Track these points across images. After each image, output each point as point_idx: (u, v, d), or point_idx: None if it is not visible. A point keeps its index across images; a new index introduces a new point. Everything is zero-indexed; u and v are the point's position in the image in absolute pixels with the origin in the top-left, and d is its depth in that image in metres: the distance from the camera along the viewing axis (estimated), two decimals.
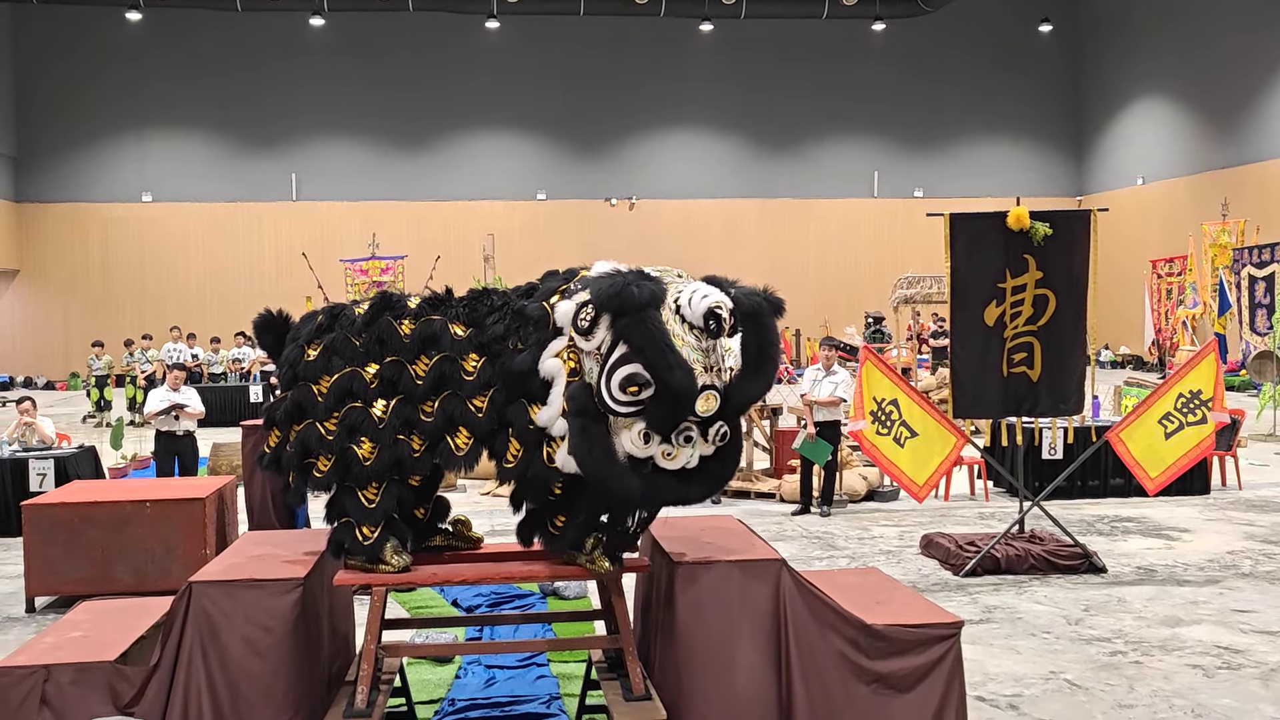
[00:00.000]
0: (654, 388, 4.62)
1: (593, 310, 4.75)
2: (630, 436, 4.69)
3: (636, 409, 4.66)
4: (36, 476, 10.99)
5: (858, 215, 34.83)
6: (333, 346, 5.18)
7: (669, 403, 4.64)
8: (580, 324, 4.79)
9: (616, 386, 4.65)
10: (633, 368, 4.62)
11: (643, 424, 4.68)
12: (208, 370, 23.63)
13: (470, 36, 32.29)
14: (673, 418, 4.69)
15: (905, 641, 5.14)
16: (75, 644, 5.15)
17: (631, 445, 4.69)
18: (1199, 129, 29.88)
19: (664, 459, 4.72)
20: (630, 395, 4.64)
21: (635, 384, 4.63)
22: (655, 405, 4.65)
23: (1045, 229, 8.90)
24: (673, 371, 4.58)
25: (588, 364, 4.80)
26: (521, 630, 7.41)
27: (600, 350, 4.75)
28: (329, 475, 5.10)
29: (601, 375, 4.71)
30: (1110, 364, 30.72)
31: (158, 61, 32.13)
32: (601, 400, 4.70)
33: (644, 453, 4.69)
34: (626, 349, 4.65)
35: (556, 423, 4.82)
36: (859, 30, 33.29)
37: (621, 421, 4.70)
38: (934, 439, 9.04)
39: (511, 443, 4.96)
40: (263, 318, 5.56)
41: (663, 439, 4.71)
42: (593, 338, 4.77)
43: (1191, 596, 8.38)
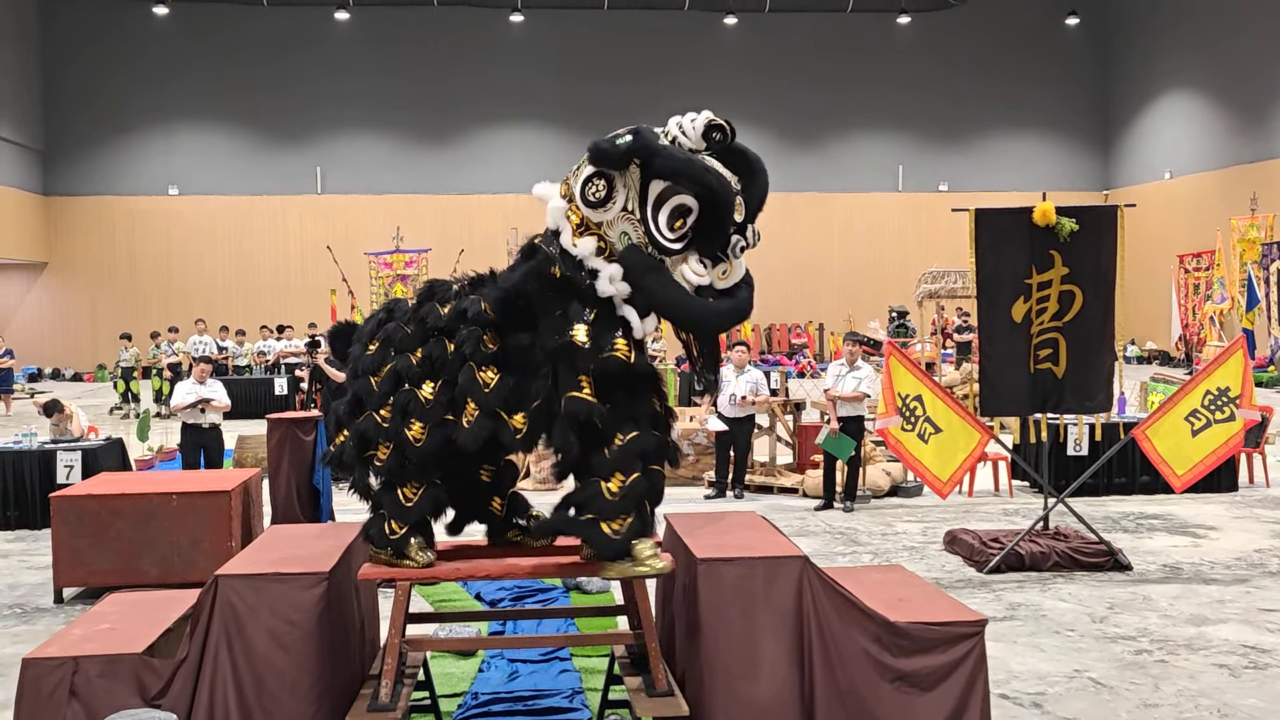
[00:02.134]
0: (697, 213, 4.81)
1: (602, 178, 4.87)
2: (689, 270, 4.88)
3: (686, 241, 4.87)
4: (64, 468, 11.09)
5: (882, 209, 34.70)
6: (388, 338, 5.26)
7: (716, 216, 4.84)
8: (593, 197, 4.89)
9: (665, 226, 4.84)
10: (675, 200, 4.82)
11: (695, 253, 4.88)
12: (232, 363, 23.77)
13: (494, 30, 32.33)
14: (721, 231, 4.87)
15: (929, 639, 5.13)
16: (103, 636, 5.19)
17: (694, 276, 4.87)
18: (1227, 123, 29.62)
19: (720, 279, 4.93)
20: (678, 230, 4.84)
21: (681, 215, 4.83)
22: (702, 228, 4.85)
23: (1071, 225, 8.85)
24: (712, 176, 4.79)
25: (615, 233, 4.92)
26: (544, 625, 7.42)
27: (628, 207, 4.88)
28: (390, 462, 5.14)
29: (646, 222, 4.86)
30: (1137, 359, 30.50)
31: (184, 55, 32.31)
32: (656, 244, 4.86)
33: (705, 279, 4.89)
34: (661, 187, 4.82)
35: (625, 309, 4.93)
36: (884, 23, 33.16)
37: (676, 259, 4.89)
38: (958, 435, 9.01)
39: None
40: (337, 327, 5.77)
41: (714, 261, 4.90)
42: (613, 201, 4.89)
43: (1218, 595, 8.32)
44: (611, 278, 4.90)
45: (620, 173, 4.86)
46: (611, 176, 4.86)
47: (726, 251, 4.90)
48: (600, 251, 4.93)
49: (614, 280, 4.90)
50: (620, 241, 4.91)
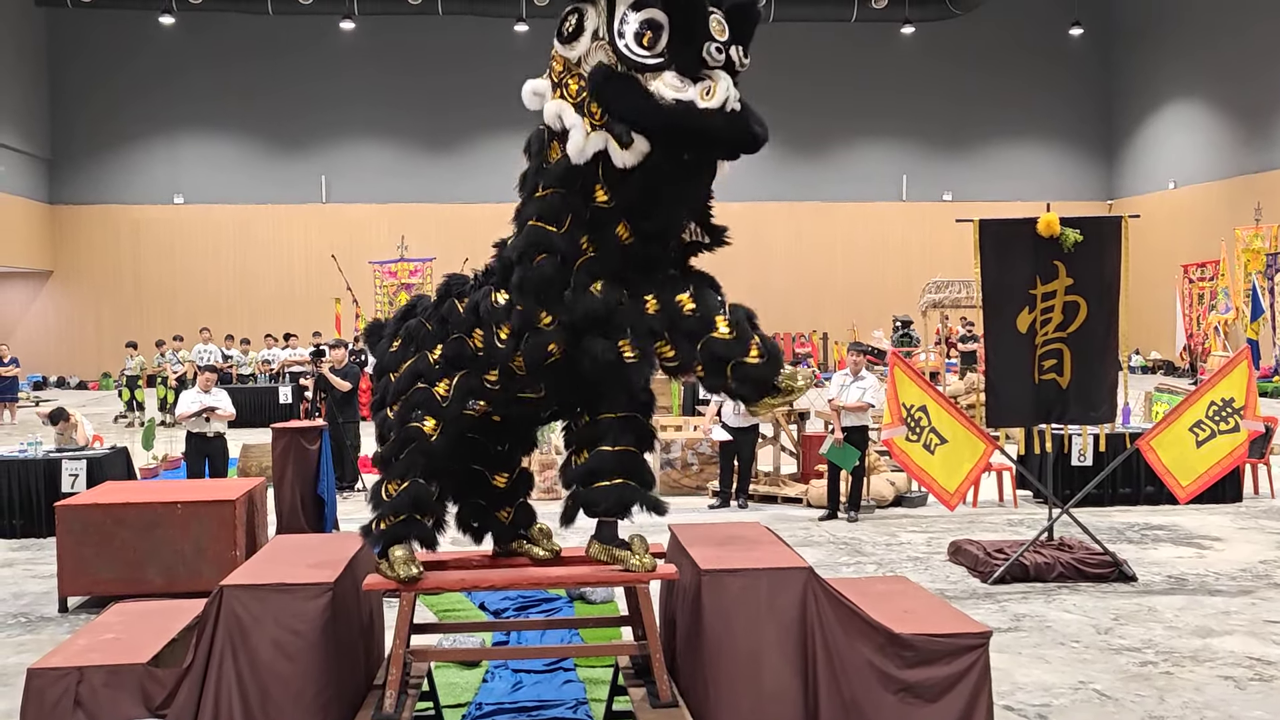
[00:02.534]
0: (667, 29, 4.59)
1: (573, 14, 4.75)
2: (664, 83, 4.61)
3: (659, 59, 4.62)
4: (69, 477, 11.10)
5: (886, 219, 34.71)
6: (409, 334, 5.29)
7: (687, 22, 4.59)
8: (566, 32, 4.79)
9: (633, 41, 4.62)
10: (643, 14, 4.61)
11: (671, 69, 4.62)
12: (237, 371, 23.79)
13: (499, 39, 32.38)
14: (695, 40, 4.59)
15: (933, 651, 5.13)
16: (108, 646, 5.20)
17: (669, 90, 4.59)
18: (1231, 133, 29.62)
19: (704, 98, 4.59)
20: (648, 46, 4.62)
21: (649, 29, 4.62)
22: (675, 39, 4.61)
23: (1076, 236, 8.85)
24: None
25: (591, 64, 4.73)
26: (548, 635, 7.40)
27: (599, 34, 4.70)
28: (386, 453, 5.18)
29: (613, 39, 4.65)
30: (1141, 369, 30.47)
31: (190, 65, 32.41)
32: (625, 60, 4.64)
33: (685, 93, 4.59)
34: (627, 3, 4.63)
35: (588, 141, 4.70)
36: (888, 33, 33.20)
37: (649, 75, 4.63)
38: (963, 446, 9.00)
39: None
40: (371, 325, 5.76)
41: (695, 79, 4.62)
42: (584, 31, 4.73)
43: (1223, 606, 8.30)
44: (573, 125, 4.71)
45: (591, 4, 4.73)
46: (582, 10, 4.74)
47: (703, 58, 4.60)
48: (581, 108, 4.72)
49: (580, 132, 4.70)
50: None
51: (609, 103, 4.62)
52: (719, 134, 4.64)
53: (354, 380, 13.44)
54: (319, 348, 14.27)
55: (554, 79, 4.87)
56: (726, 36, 4.65)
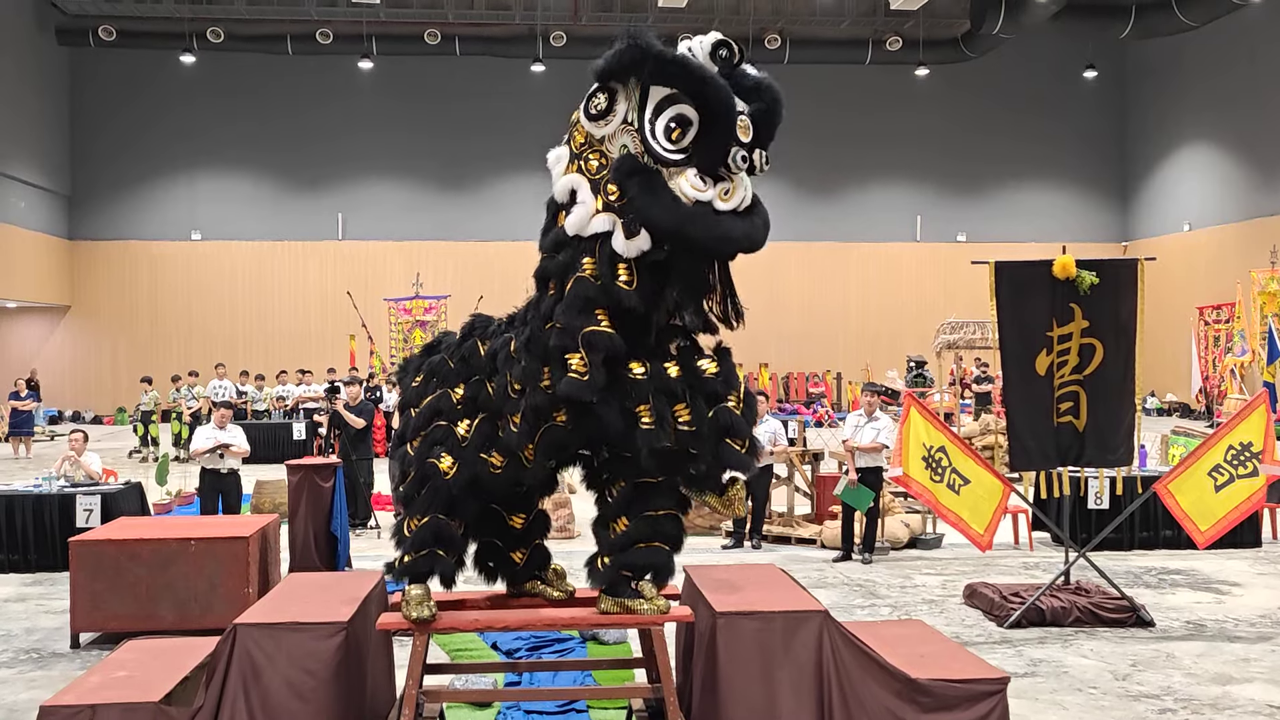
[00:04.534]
0: (696, 126, 4.66)
1: (603, 92, 4.80)
2: (685, 183, 4.68)
3: (684, 155, 4.70)
4: (83, 512, 11.11)
5: (900, 259, 34.73)
6: (432, 370, 5.31)
7: (715, 125, 4.67)
8: (594, 110, 4.83)
9: (662, 135, 4.69)
10: (673, 109, 4.68)
11: (693, 168, 4.69)
12: (251, 407, 23.85)
13: (516, 80, 32.63)
14: (722, 143, 4.68)
15: (951, 697, 5.08)
16: (121, 684, 5.19)
17: (691, 190, 4.67)
18: (1246, 176, 29.61)
19: (722, 199, 4.70)
20: (675, 141, 4.69)
21: (679, 125, 4.68)
22: (702, 139, 4.68)
23: (1092, 278, 8.84)
24: (712, 85, 4.64)
25: (615, 148, 4.81)
26: (561, 676, 7.37)
27: (628, 119, 4.77)
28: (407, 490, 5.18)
29: (643, 130, 4.72)
30: (1157, 411, 30.32)
31: (210, 103, 32.72)
32: (651, 152, 4.70)
33: (703, 194, 4.67)
34: (661, 95, 4.69)
35: (591, 221, 4.81)
36: (902, 75, 33.35)
37: (673, 171, 4.70)
38: (984, 486, 8.96)
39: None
40: (405, 360, 5.79)
41: (716, 179, 4.70)
42: (614, 113, 4.79)
43: (1243, 653, 8.21)
44: (582, 205, 4.82)
45: (623, 85, 4.79)
46: (614, 90, 4.80)
47: (727, 164, 4.70)
48: (596, 186, 4.82)
49: (583, 207, 4.81)
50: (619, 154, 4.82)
51: (633, 195, 4.70)
52: (729, 238, 4.76)
53: (368, 417, 13.45)
54: (334, 384, 14.31)
55: (573, 150, 4.97)
56: (750, 138, 4.78)
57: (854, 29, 31.96)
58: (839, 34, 32.18)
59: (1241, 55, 29.13)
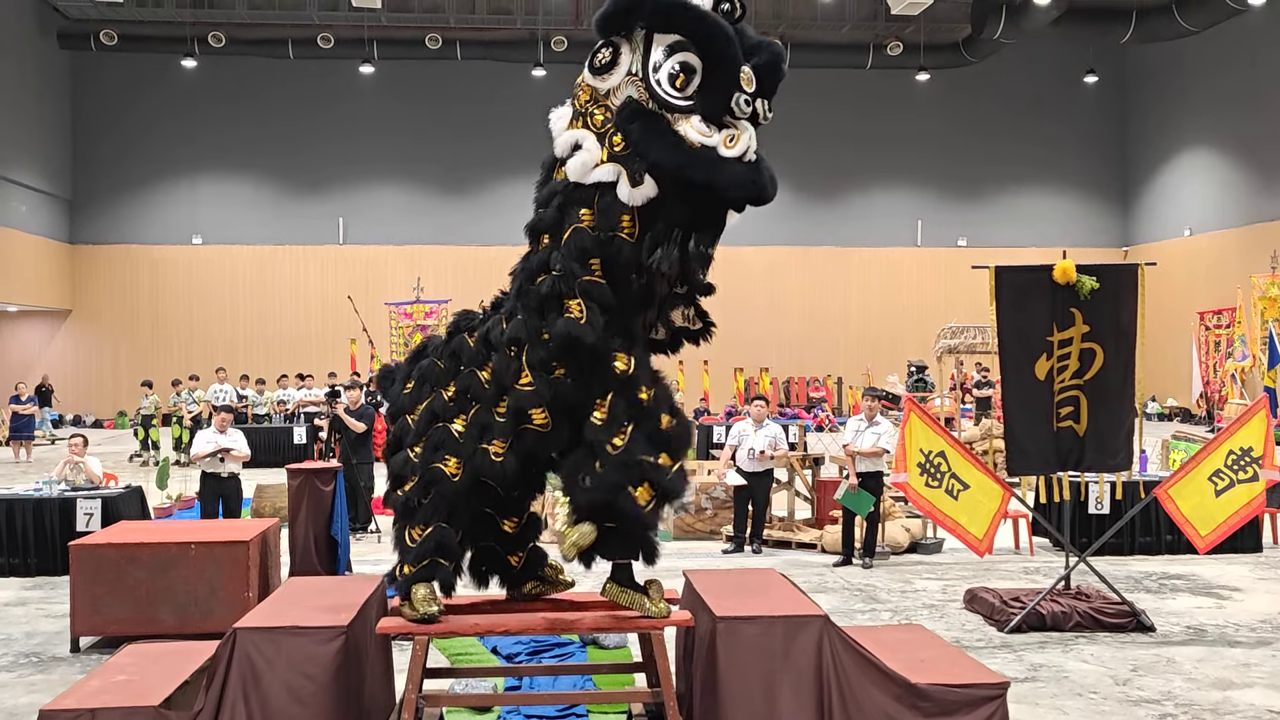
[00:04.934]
0: (700, 74, 4.71)
1: (608, 46, 4.85)
2: (690, 128, 4.72)
3: (689, 101, 4.74)
4: (84, 516, 11.10)
5: (901, 264, 34.76)
6: (423, 375, 5.30)
7: (719, 70, 4.72)
8: (598, 63, 4.88)
9: (666, 81, 4.74)
10: (678, 56, 4.73)
11: (698, 114, 4.73)
12: (252, 411, 23.86)
13: (517, 84, 32.65)
14: (726, 87, 4.73)
15: (951, 701, 5.08)
16: (120, 688, 5.18)
17: (695, 134, 4.70)
18: (1247, 180, 29.62)
19: (727, 145, 4.70)
20: (680, 88, 4.74)
21: (683, 73, 4.73)
22: (706, 85, 4.73)
23: (1092, 283, 8.84)
24: (715, 28, 4.69)
25: (619, 100, 4.85)
26: (561, 681, 7.36)
27: (632, 69, 4.83)
28: (410, 496, 5.16)
29: (647, 77, 4.77)
30: (1157, 416, 30.33)
31: (211, 107, 32.77)
32: (656, 98, 4.75)
33: (709, 139, 4.69)
34: (665, 43, 4.75)
35: (595, 169, 4.83)
36: (903, 80, 33.38)
37: (678, 117, 4.75)
38: (983, 491, 8.96)
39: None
40: (383, 369, 5.82)
41: (721, 126, 4.73)
42: (618, 65, 4.85)
43: (1243, 658, 8.20)
44: (586, 151, 4.85)
45: (627, 39, 4.85)
46: (618, 44, 4.86)
47: (731, 109, 4.74)
48: (601, 138, 4.85)
49: (587, 154, 4.83)
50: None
51: (636, 137, 4.73)
52: (735, 183, 4.73)
53: (369, 421, 13.45)
54: (334, 389, 14.31)
55: (577, 107, 5.00)
56: (754, 89, 4.79)
57: (855, 33, 32.00)
58: (840, 38, 32.23)
59: (1242, 60, 29.15)
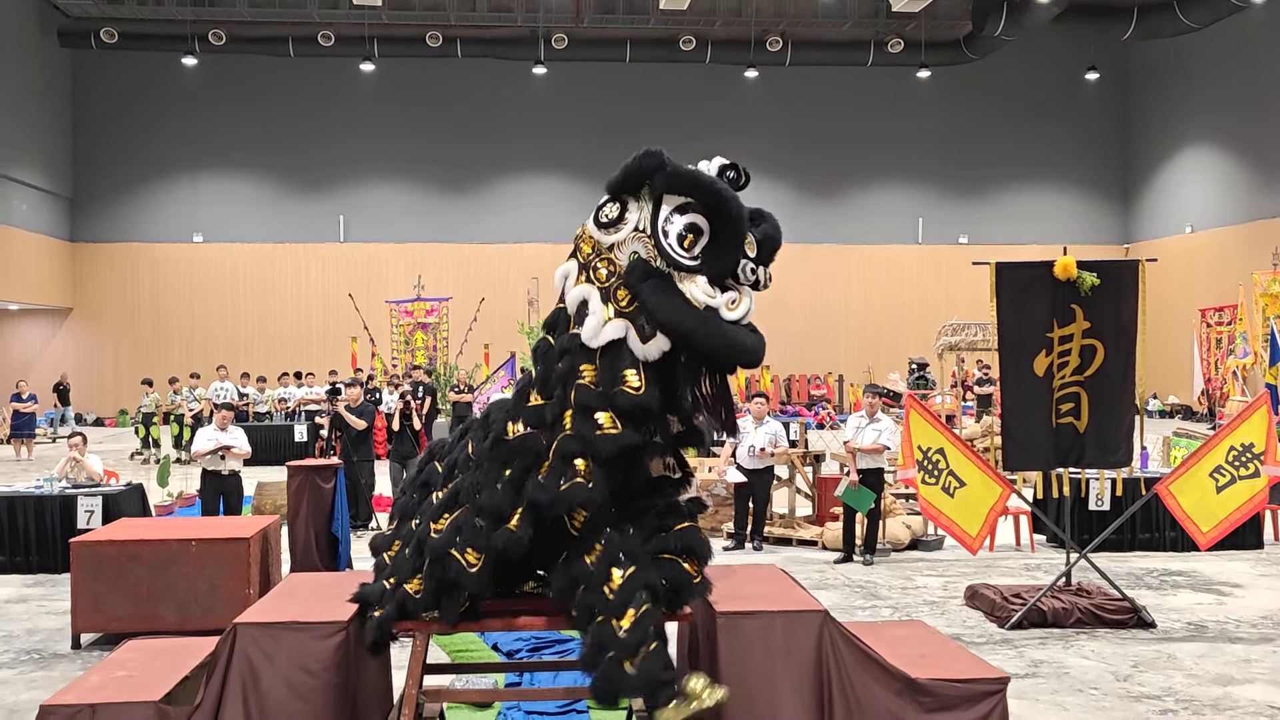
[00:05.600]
0: (708, 235, 4.81)
1: (616, 201, 4.93)
2: (696, 288, 4.80)
3: (696, 262, 4.82)
4: (84, 513, 11.11)
5: (901, 261, 34.74)
6: (401, 512, 5.48)
7: (727, 234, 4.82)
8: (605, 218, 4.94)
9: (675, 241, 4.83)
10: (687, 218, 4.83)
11: (704, 276, 4.82)
12: (253, 409, 23.87)
13: (517, 83, 32.68)
14: (732, 252, 4.84)
15: (951, 696, 5.08)
16: (120, 683, 5.18)
17: (701, 295, 4.79)
18: (1248, 177, 29.60)
19: (729, 309, 4.81)
20: (688, 248, 4.83)
21: (691, 233, 4.82)
22: (714, 248, 4.83)
23: (1093, 279, 8.83)
24: (726, 196, 4.81)
25: (624, 255, 4.91)
26: (561, 676, 7.36)
27: (640, 226, 4.89)
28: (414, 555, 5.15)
29: (656, 236, 4.85)
30: (1159, 413, 30.32)
31: (211, 106, 32.77)
32: (665, 257, 4.83)
33: (713, 300, 4.79)
34: (673, 204, 4.85)
35: (604, 329, 4.86)
36: (904, 77, 33.36)
37: (684, 276, 4.83)
38: (981, 489, 8.95)
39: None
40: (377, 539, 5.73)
41: (724, 288, 4.84)
42: (625, 221, 4.91)
43: (1244, 654, 8.20)
44: (593, 315, 4.86)
45: (634, 196, 4.92)
46: (625, 200, 4.93)
47: (736, 274, 4.86)
48: (606, 294, 4.88)
49: (594, 318, 4.85)
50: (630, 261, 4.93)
51: (647, 297, 4.81)
52: (737, 347, 4.87)
53: (369, 419, 13.46)
54: (335, 386, 14.30)
55: (581, 260, 5.02)
56: (754, 255, 4.94)
57: (856, 31, 31.98)
58: (841, 36, 32.21)
59: (1243, 57, 29.12)
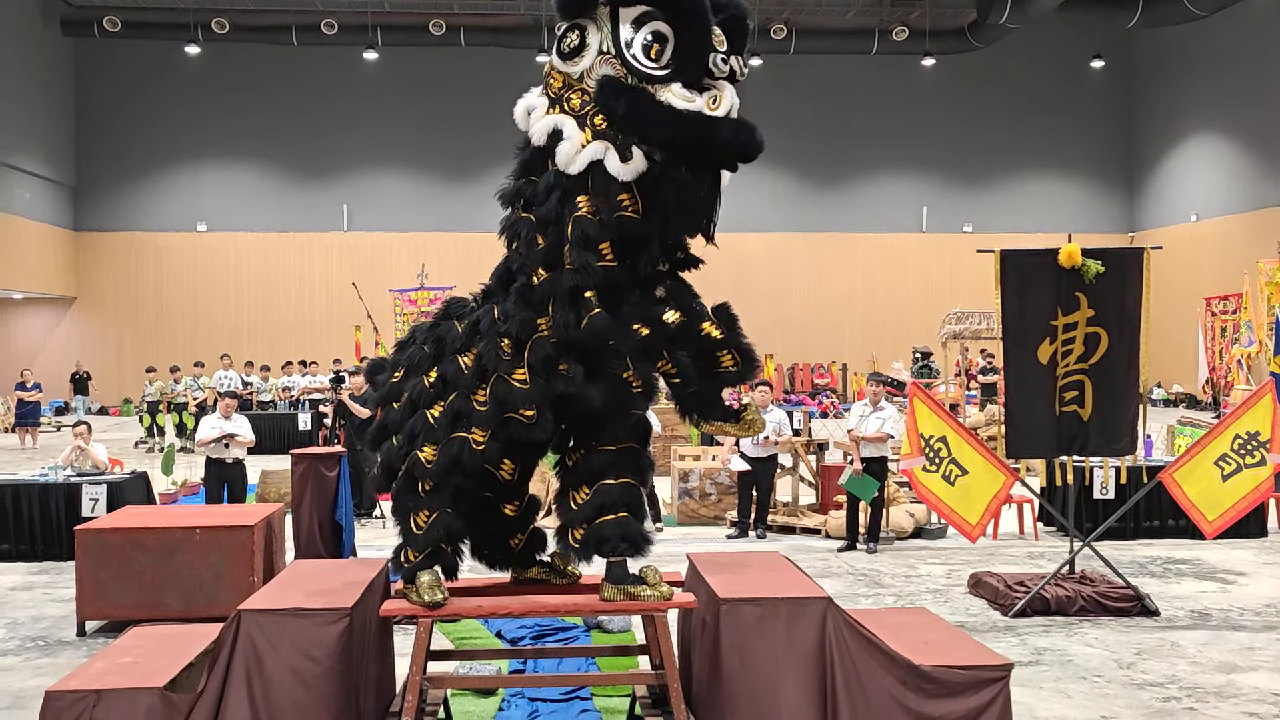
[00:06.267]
0: (673, 40, 4.67)
1: (575, 29, 4.81)
2: (674, 93, 4.67)
3: (667, 70, 4.70)
4: (89, 501, 11.13)
5: (906, 250, 34.70)
6: (409, 362, 5.29)
7: (693, 35, 4.67)
8: (567, 48, 4.85)
9: (641, 54, 4.70)
10: (649, 27, 4.69)
11: (678, 81, 4.68)
12: (256, 398, 23.88)
13: (521, 71, 32.50)
14: (702, 50, 4.68)
15: (954, 683, 5.07)
16: (125, 670, 5.19)
17: (680, 101, 4.66)
18: (1254, 166, 29.52)
19: (711, 107, 4.67)
20: (655, 58, 4.70)
21: (657, 42, 4.70)
22: (681, 50, 4.69)
23: (1097, 267, 8.81)
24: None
25: (594, 81, 4.80)
26: (565, 664, 7.38)
27: (604, 49, 4.78)
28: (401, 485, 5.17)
29: (622, 54, 4.73)
30: (1163, 402, 30.28)
31: (214, 94, 32.76)
32: (634, 72, 4.71)
33: (693, 104, 4.65)
34: (633, 15, 4.71)
35: (581, 152, 4.77)
36: (909, 65, 33.28)
37: (659, 87, 4.70)
38: (983, 477, 8.94)
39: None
40: (373, 362, 5.79)
41: (701, 89, 4.69)
42: (587, 47, 4.82)
43: (1248, 642, 8.20)
44: (569, 136, 4.78)
45: (591, 20, 4.81)
46: (584, 25, 4.82)
47: (710, 70, 4.70)
48: (582, 120, 4.80)
49: (570, 142, 4.77)
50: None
51: (622, 113, 4.69)
52: (728, 141, 4.71)
53: (373, 407, 13.45)
54: (339, 375, 14.31)
55: (552, 94, 4.93)
56: (726, 47, 4.76)
57: (860, 19, 31.89)
58: (845, 24, 32.12)
59: (1249, 46, 29.02)
